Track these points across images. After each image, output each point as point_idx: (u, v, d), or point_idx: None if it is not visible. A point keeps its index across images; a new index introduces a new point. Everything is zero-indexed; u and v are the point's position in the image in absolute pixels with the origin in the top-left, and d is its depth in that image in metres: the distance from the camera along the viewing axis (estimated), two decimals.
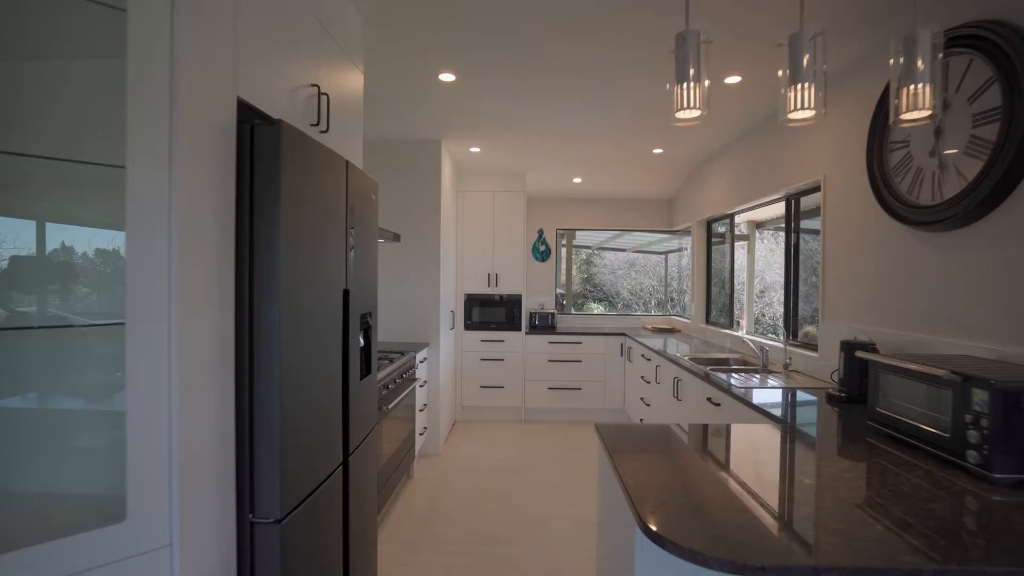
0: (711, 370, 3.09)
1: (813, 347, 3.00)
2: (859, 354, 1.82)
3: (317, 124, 1.66)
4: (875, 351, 2.18)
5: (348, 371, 1.74)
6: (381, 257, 4.19)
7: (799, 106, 1.35)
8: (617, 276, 13.53)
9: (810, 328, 8.42)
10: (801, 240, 5.53)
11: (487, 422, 5.16)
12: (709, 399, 2.74)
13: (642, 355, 4.40)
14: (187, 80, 1.08)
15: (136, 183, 1.02)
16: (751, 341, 3.46)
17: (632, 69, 2.76)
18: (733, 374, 2.96)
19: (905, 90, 1.27)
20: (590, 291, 12.86)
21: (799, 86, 1.33)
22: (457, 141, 4.24)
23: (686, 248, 9.45)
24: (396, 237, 3.61)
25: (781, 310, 5.88)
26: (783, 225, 5.06)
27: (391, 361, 3.20)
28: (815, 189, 3.04)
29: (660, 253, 12.82)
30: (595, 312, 12.47)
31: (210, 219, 1.16)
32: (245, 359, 1.27)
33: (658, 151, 4.42)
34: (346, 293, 1.72)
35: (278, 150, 1.26)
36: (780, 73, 1.41)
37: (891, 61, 1.45)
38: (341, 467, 1.70)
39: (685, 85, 1.35)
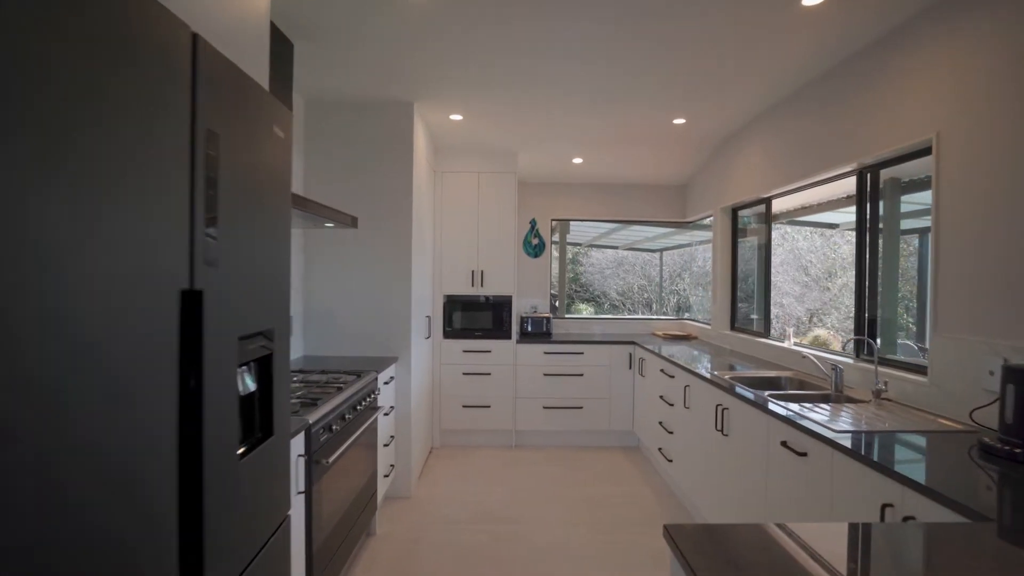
0: (769, 396, 2.30)
1: (912, 368, 2.23)
2: None
3: None
4: None
5: (202, 446, 0.89)
6: (335, 248, 3.33)
7: None
8: (605, 275, 12.84)
9: (820, 331, 7.67)
10: (807, 230, 4.70)
11: (471, 448, 4.32)
12: (785, 444, 1.95)
13: (661, 370, 3.61)
14: None
15: None
16: (814, 356, 2.69)
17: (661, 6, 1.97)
18: (803, 404, 2.17)
19: None
20: (577, 291, 12.13)
21: None
22: (434, 104, 3.40)
23: (693, 243, 8.71)
24: (352, 222, 2.76)
25: (777, 312, 5.19)
26: (798, 218, 4.34)
27: (340, 389, 2.35)
28: (915, 154, 2.28)
29: (654, 251, 12.18)
30: (592, 315, 11.74)
31: None
32: None
33: (679, 121, 3.63)
34: (191, 298, 0.87)
35: None
36: None
37: None
38: None
39: None
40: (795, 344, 3.16)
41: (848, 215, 6.16)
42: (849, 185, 5.04)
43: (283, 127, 1.22)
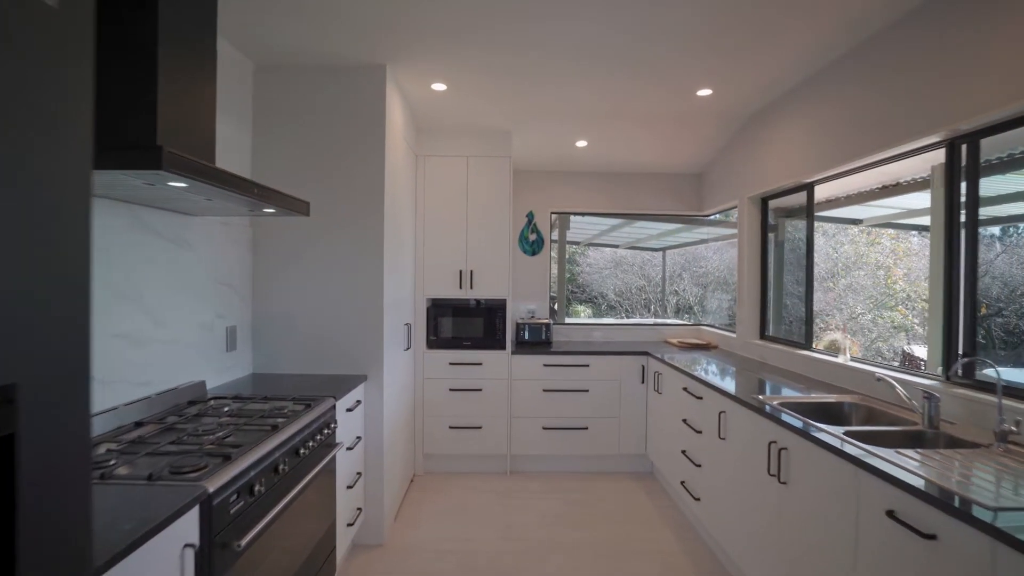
0: (846, 435, 1.73)
1: None
2: None
3: None
4: None
5: None
6: (291, 244, 2.72)
7: None
8: (604, 276, 12.27)
9: (835, 335, 7.08)
10: (790, 227, 3.94)
11: (458, 476, 3.73)
12: (893, 515, 1.37)
13: (684, 388, 3.03)
14: None
15: None
16: (890, 377, 2.10)
17: None
18: (900, 451, 1.60)
19: None
20: (573, 292, 11.59)
21: None
22: (412, 69, 2.81)
23: (707, 240, 8.08)
24: (303, 208, 2.17)
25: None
26: (818, 213, 3.75)
27: (275, 428, 1.75)
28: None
29: (656, 249, 11.61)
30: (591, 317, 11.12)
31: None
32: None
33: (704, 93, 3.06)
34: None
35: None
36: None
37: None
38: None
39: None
40: (852, 360, 2.58)
41: (877, 209, 5.58)
42: (885, 175, 4.45)
43: None
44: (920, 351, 5.93)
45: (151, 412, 1.89)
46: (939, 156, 3.51)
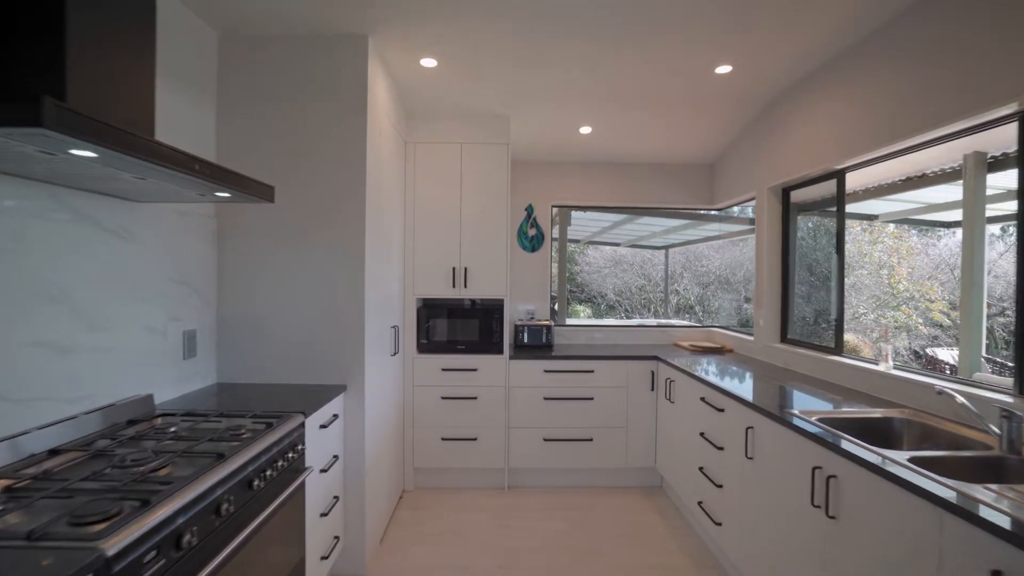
0: (911, 461, 1.43)
1: None
2: None
3: None
4: None
5: None
6: (259, 238, 2.41)
7: None
8: (603, 275, 11.92)
9: (849, 336, 6.79)
10: (809, 224, 3.55)
11: (452, 491, 3.42)
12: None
13: (701, 398, 2.72)
14: None
15: None
16: (951, 389, 1.80)
17: None
18: (988, 487, 1.30)
19: None
20: (572, 291, 11.24)
21: None
22: (398, 41, 2.50)
23: (720, 236, 7.78)
24: (267, 193, 1.85)
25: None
26: (834, 208, 3.45)
27: (221, 456, 1.44)
28: None
29: (659, 247, 11.28)
30: (591, 317, 10.78)
31: None
32: None
33: (723, 70, 2.75)
34: None
35: None
36: None
37: None
38: None
39: None
40: (894, 367, 2.28)
41: (892, 204, 5.26)
42: (909, 164, 4.13)
43: None
44: (944, 354, 5.65)
45: (78, 435, 1.58)
46: (972, 144, 3.21)
